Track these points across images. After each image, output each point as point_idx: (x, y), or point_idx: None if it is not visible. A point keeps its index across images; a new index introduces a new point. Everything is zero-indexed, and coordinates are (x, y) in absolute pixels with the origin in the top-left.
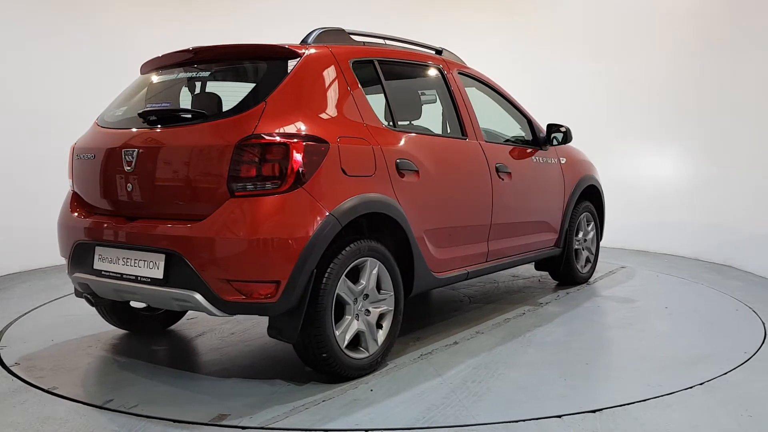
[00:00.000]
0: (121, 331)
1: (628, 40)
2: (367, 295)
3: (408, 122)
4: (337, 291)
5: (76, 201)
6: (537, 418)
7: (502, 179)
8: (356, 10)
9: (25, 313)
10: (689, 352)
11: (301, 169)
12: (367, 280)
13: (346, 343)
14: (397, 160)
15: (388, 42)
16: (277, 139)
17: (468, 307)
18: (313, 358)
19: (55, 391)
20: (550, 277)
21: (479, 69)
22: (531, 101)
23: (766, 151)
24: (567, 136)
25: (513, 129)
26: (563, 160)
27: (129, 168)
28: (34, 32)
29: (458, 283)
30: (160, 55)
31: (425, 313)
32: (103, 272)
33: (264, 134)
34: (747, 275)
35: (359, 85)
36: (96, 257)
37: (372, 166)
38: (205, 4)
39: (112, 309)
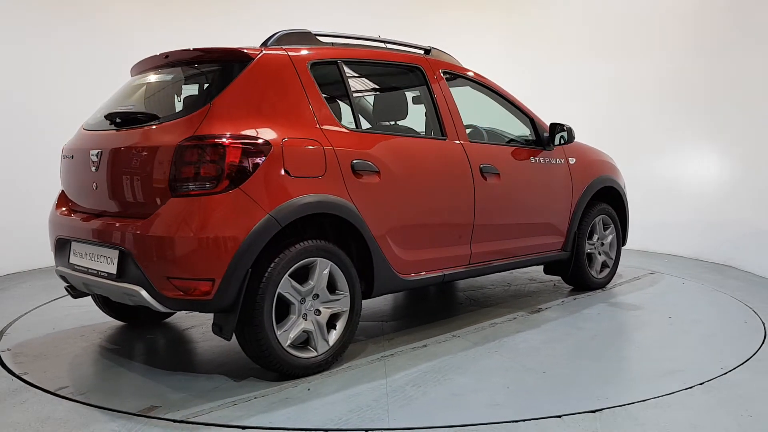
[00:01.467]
0: (117, 324)
1: (628, 40)
2: (317, 295)
3: (379, 123)
4: (279, 290)
5: (61, 199)
6: (537, 418)
7: (488, 180)
8: (356, 11)
9: (25, 313)
10: (664, 366)
11: (238, 170)
12: (316, 281)
13: (289, 342)
14: (354, 161)
15: (365, 43)
16: (215, 140)
17: (463, 309)
18: (254, 355)
19: (25, 377)
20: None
21: (481, 69)
22: (532, 101)
23: (765, 150)
24: (568, 136)
25: (519, 129)
26: (572, 161)
27: (94, 168)
28: (32, 32)
29: (459, 282)
30: (142, 59)
31: (415, 314)
32: (75, 266)
33: (202, 135)
34: (747, 275)
35: (317, 87)
36: (71, 252)
37: (322, 167)
38: (206, 4)
39: (105, 302)
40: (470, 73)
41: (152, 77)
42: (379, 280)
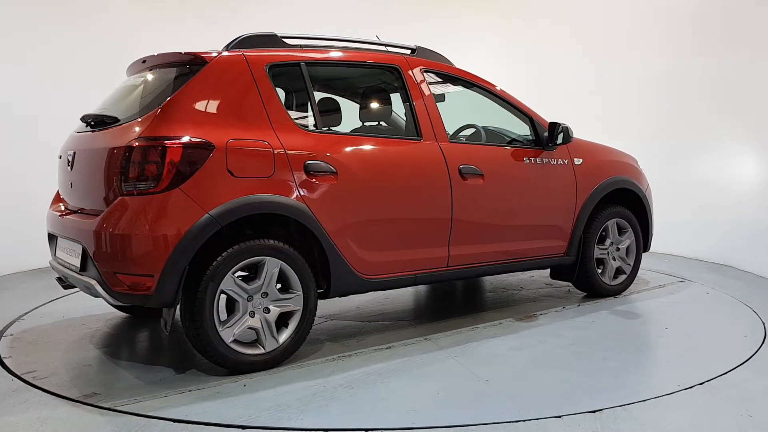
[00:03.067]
0: (118, 320)
1: (628, 40)
2: (266, 294)
3: (364, 124)
4: (222, 288)
5: (56, 197)
6: (537, 419)
7: (468, 181)
8: (356, 11)
9: (25, 313)
10: (619, 380)
11: (177, 171)
12: (264, 279)
13: (233, 338)
14: (307, 162)
15: (342, 44)
16: (156, 142)
17: (456, 312)
18: (199, 350)
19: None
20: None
21: (480, 69)
22: (532, 101)
23: (767, 150)
24: (565, 135)
25: (522, 129)
26: (578, 161)
27: (70, 168)
28: (33, 32)
29: (469, 282)
30: (132, 62)
31: (405, 315)
32: (59, 260)
33: (146, 137)
34: (747, 275)
35: (274, 89)
36: (57, 246)
37: (270, 168)
38: (207, 5)
39: None
40: (459, 73)
41: (133, 80)
42: (337, 280)
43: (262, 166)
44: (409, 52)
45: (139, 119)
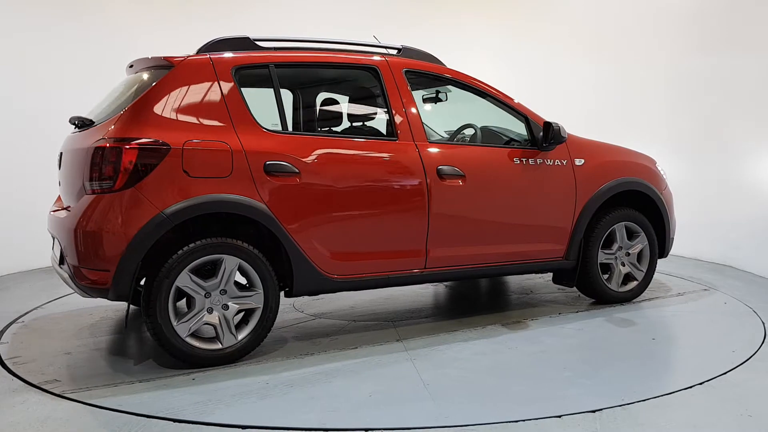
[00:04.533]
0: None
1: (627, 40)
2: (225, 291)
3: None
4: (177, 284)
5: (59, 196)
6: (536, 418)
7: (447, 182)
8: (356, 13)
9: (25, 313)
10: (535, 395)
11: (133, 171)
12: (221, 277)
13: (188, 332)
14: (267, 162)
15: (320, 46)
16: (114, 143)
17: (447, 315)
18: (157, 342)
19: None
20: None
21: (482, 69)
22: (532, 101)
23: (766, 150)
24: (556, 135)
25: (520, 128)
26: (579, 162)
27: (59, 167)
28: (33, 32)
29: (478, 283)
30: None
31: (394, 316)
32: (53, 254)
33: (107, 138)
34: (747, 275)
35: (239, 91)
36: (54, 242)
37: (227, 168)
38: (207, 6)
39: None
40: (447, 72)
41: (120, 84)
42: (300, 279)
43: (219, 166)
44: (395, 52)
45: (105, 122)
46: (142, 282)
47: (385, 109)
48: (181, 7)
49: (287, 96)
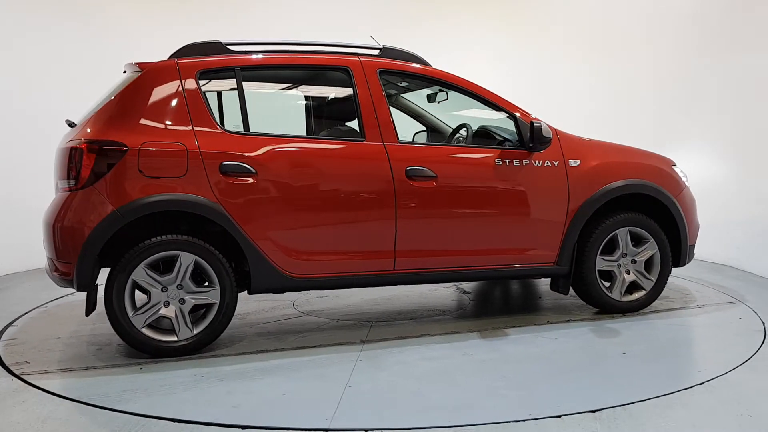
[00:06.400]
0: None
1: (628, 40)
2: (182, 286)
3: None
4: (133, 277)
5: None
6: (536, 418)
7: (416, 184)
8: (356, 13)
9: (25, 313)
10: (452, 404)
11: (93, 171)
12: (176, 272)
13: (144, 324)
14: (223, 163)
15: (293, 48)
16: (77, 145)
17: (437, 318)
18: (116, 333)
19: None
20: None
21: (481, 69)
22: (531, 101)
23: (766, 150)
24: (536, 135)
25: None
26: (574, 163)
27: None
28: (34, 32)
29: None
30: None
31: (381, 317)
32: None
33: (76, 140)
34: (747, 275)
35: (201, 94)
36: None
37: (182, 168)
38: (207, 6)
39: None
40: (428, 72)
41: (110, 86)
42: (258, 277)
43: (174, 166)
44: (376, 52)
45: (82, 124)
46: None
47: (356, 110)
48: (181, 8)
49: (256, 97)
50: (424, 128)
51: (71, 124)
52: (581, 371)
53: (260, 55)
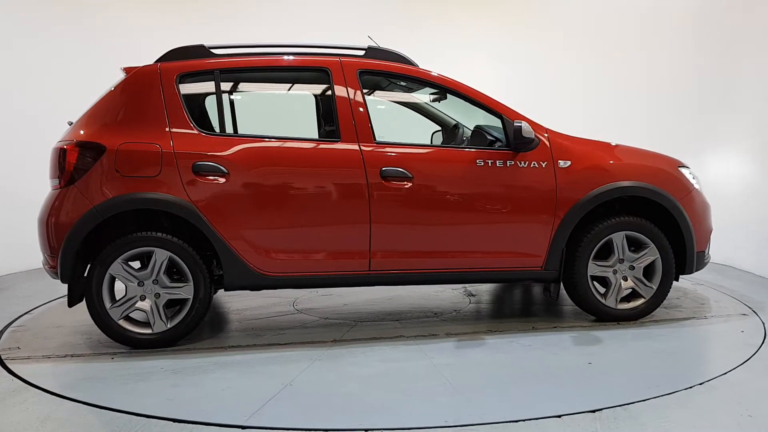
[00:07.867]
0: None
1: (627, 40)
2: (157, 281)
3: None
4: (110, 272)
5: None
6: (536, 418)
7: (391, 184)
8: (356, 13)
9: (26, 313)
10: (396, 410)
11: (74, 170)
12: (151, 268)
13: (121, 316)
14: (196, 163)
15: (273, 50)
16: (61, 146)
17: (419, 322)
18: (96, 325)
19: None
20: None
21: (480, 70)
22: (530, 101)
23: (766, 150)
24: (515, 136)
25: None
26: (564, 164)
27: None
28: (33, 32)
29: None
30: None
31: (371, 317)
32: None
33: (64, 141)
34: (747, 275)
35: (179, 96)
36: None
37: (156, 168)
38: (208, 6)
39: None
40: (412, 72)
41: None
42: (230, 274)
43: (148, 166)
44: (361, 53)
45: (73, 125)
46: None
47: (333, 110)
48: (181, 8)
49: (235, 99)
50: (439, 128)
51: (70, 125)
52: (532, 380)
53: (240, 58)
